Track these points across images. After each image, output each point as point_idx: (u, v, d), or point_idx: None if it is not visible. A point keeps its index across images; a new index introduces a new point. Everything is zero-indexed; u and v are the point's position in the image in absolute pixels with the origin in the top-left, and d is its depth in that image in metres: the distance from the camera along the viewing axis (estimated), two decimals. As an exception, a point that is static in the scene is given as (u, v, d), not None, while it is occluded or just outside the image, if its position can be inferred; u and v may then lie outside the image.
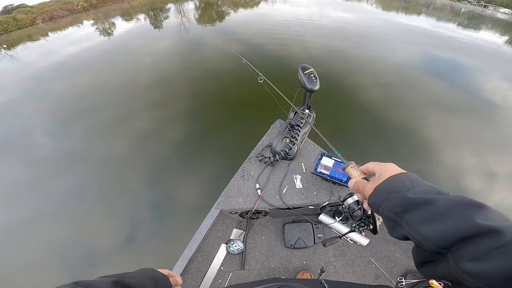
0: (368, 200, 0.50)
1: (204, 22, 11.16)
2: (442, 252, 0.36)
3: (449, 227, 0.35)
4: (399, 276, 1.51)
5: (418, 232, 0.39)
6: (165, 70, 5.92)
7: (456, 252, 0.34)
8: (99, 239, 2.65)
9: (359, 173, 0.60)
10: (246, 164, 1.63)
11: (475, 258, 0.32)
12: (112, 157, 3.60)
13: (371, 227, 0.66)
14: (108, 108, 4.66)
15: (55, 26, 13.01)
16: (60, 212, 2.94)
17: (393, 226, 0.45)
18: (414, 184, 0.44)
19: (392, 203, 0.44)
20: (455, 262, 0.34)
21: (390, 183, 0.47)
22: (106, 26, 11.52)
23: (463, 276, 0.33)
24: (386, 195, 0.46)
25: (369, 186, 0.51)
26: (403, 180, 0.46)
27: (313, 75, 1.49)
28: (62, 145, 3.93)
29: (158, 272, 0.65)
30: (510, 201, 3.09)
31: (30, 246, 2.62)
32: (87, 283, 0.45)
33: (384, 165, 0.52)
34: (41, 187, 3.26)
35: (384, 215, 0.46)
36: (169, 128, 4.05)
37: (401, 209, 0.42)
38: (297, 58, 6.28)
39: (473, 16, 22.10)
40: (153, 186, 3.16)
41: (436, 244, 0.36)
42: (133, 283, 0.52)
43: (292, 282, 0.67)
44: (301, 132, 1.58)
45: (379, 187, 0.48)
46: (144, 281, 0.57)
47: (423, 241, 0.38)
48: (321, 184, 1.52)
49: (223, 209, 1.48)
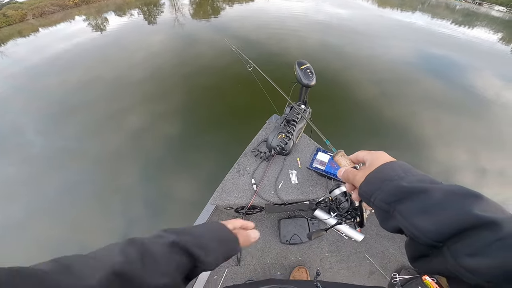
0: (359, 190, 0.48)
1: (199, 17, 11.03)
2: (437, 246, 0.34)
3: (445, 219, 0.34)
4: (393, 272, 1.51)
5: (413, 224, 0.37)
6: (159, 65, 5.84)
7: (453, 245, 0.32)
8: (94, 237, 2.61)
9: (348, 162, 0.57)
10: (242, 159, 1.61)
11: (474, 253, 0.30)
12: (105, 153, 3.55)
13: (358, 219, 0.64)
14: (100, 104, 4.59)
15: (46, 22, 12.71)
16: (54, 210, 2.89)
17: (385, 217, 0.42)
18: (407, 173, 0.43)
19: (384, 193, 0.42)
20: (453, 257, 0.32)
21: (382, 171, 0.45)
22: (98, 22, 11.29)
23: (462, 272, 0.31)
24: (378, 184, 0.44)
25: (359, 175, 0.49)
26: (395, 169, 0.44)
27: (309, 70, 1.48)
28: (54, 142, 3.86)
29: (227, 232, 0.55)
30: (501, 197, 3.14)
31: (23, 244, 2.58)
32: (142, 242, 0.41)
33: (375, 153, 0.50)
34: (34, 185, 3.20)
35: (376, 205, 0.44)
36: (164, 124, 4.00)
37: (394, 198, 0.40)
38: (292, 54, 6.26)
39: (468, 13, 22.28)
40: (148, 183, 3.13)
41: (432, 238, 0.34)
42: (193, 246, 0.45)
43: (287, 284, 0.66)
44: (297, 127, 1.57)
45: (371, 176, 0.46)
46: (206, 242, 0.49)
47: (418, 234, 0.36)
48: (316, 179, 1.51)
49: (219, 204, 1.46)
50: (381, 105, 4.56)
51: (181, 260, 0.43)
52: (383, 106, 4.56)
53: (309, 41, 7.58)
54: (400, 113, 4.39)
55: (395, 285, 1.42)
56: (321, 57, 6.33)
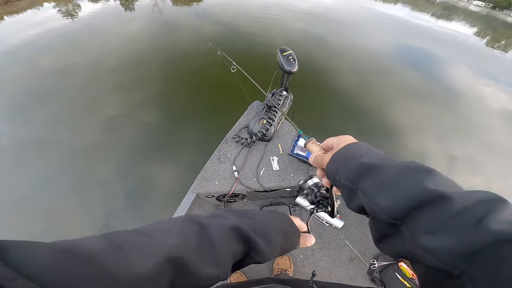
0: (326, 170, 0.49)
1: (180, 3, 10.58)
2: (396, 224, 0.34)
3: (400, 194, 0.34)
4: (372, 258, 1.56)
5: (372, 201, 0.37)
6: (136, 51, 5.57)
7: (410, 223, 0.32)
8: (72, 230, 2.48)
9: (319, 149, 0.60)
10: (223, 145, 1.58)
11: (429, 231, 0.29)
12: (80, 143, 3.35)
13: (329, 209, 0.64)
14: (74, 92, 4.30)
15: (11, 10, 11.62)
16: (27, 203, 2.71)
17: (350, 196, 0.43)
18: (369, 152, 0.44)
19: (348, 170, 0.43)
20: (411, 235, 0.31)
21: (346, 151, 0.47)
22: (69, 8, 10.50)
23: (419, 252, 0.30)
24: (342, 163, 0.45)
25: (327, 157, 0.50)
26: (358, 148, 0.46)
27: (291, 57, 1.46)
28: (24, 132, 3.58)
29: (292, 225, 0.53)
30: (470, 184, 3.30)
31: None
32: (201, 222, 0.38)
33: (341, 137, 0.52)
34: (2, 177, 2.98)
35: (341, 184, 0.44)
36: (141, 112, 3.84)
37: (356, 175, 0.41)
38: (275, 41, 6.20)
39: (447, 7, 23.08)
40: (126, 173, 3.01)
41: (390, 214, 0.34)
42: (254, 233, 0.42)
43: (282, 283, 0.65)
44: (278, 113, 1.55)
45: (335, 155, 0.48)
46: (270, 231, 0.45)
47: (377, 210, 0.36)
48: (298, 165, 1.51)
49: (199, 192, 1.43)
50: (360, 94, 4.67)
51: (237, 248, 0.40)
52: (362, 94, 4.67)
53: (292, 29, 7.55)
54: (378, 102, 4.52)
55: (373, 271, 1.46)
56: (303, 45, 6.33)
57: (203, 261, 0.35)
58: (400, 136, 3.85)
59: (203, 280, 0.35)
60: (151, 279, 0.28)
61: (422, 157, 3.57)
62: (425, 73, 6.05)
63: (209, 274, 0.35)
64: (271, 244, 0.44)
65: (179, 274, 0.32)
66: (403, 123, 4.10)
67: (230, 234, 0.40)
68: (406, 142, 3.77)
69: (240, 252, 0.41)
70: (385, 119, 4.14)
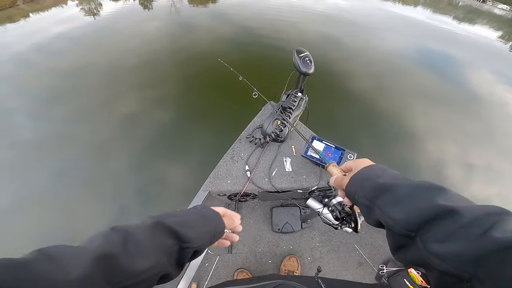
0: (345, 190, 0.56)
1: (196, 3, 10.75)
2: (411, 235, 0.38)
3: (414, 209, 0.38)
4: (381, 263, 1.55)
5: (387, 215, 0.42)
6: (154, 51, 5.71)
7: (423, 235, 0.36)
8: (85, 224, 2.56)
9: (339, 171, 0.66)
10: (236, 145, 1.60)
11: (440, 240, 0.33)
12: (97, 140, 3.47)
13: (353, 225, 0.70)
14: (92, 89, 4.47)
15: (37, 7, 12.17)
16: (43, 197, 2.82)
17: (368, 213, 0.48)
18: (384, 172, 0.50)
19: (365, 190, 0.48)
20: (423, 245, 0.35)
21: (364, 173, 0.52)
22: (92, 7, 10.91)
23: (431, 258, 0.34)
24: (360, 183, 0.51)
25: (346, 179, 0.56)
26: (374, 170, 0.52)
27: (308, 58, 1.45)
28: (45, 127, 3.75)
29: (210, 210, 0.59)
30: (487, 194, 3.20)
31: (13, 233, 2.53)
32: (124, 228, 0.41)
33: (358, 161, 0.58)
34: (23, 171, 3.11)
35: (360, 202, 0.50)
36: (157, 110, 3.93)
37: (373, 194, 0.46)
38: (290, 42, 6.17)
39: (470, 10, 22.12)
40: (140, 170, 3.09)
41: (404, 226, 0.38)
42: (175, 223, 0.46)
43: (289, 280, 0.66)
44: (293, 114, 1.55)
45: (354, 177, 0.54)
46: (189, 220, 0.50)
47: (392, 223, 0.40)
48: (311, 168, 1.50)
49: (211, 190, 1.45)
50: (375, 96, 4.55)
51: (164, 240, 0.43)
52: (378, 97, 4.55)
53: (307, 31, 7.49)
54: (394, 105, 4.41)
55: (382, 277, 1.45)
56: (318, 46, 6.26)
57: (132, 255, 0.37)
58: (416, 141, 3.73)
59: (138, 273, 0.37)
60: (85, 279, 0.31)
61: (438, 164, 3.45)
62: (444, 76, 5.82)
63: (141, 267, 0.37)
64: (193, 229, 0.48)
65: (112, 270, 0.34)
66: (419, 128, 3.97)
67: (153, 229, 0.43)
68: (422, 148, 3.64)
69: (169, 243, 0.44)
70: (400, 123, 4.03)
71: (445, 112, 4.49)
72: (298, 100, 1.59)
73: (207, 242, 0.51)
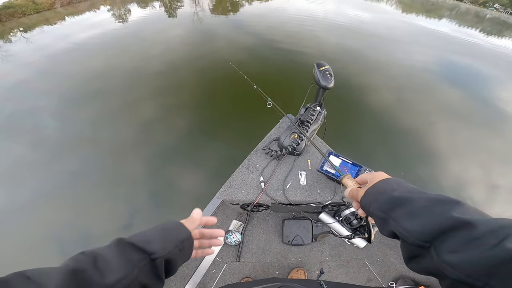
0: (360, 203, 0.57)
1: (218, 12, 11.09)
2: (425, 246, 0.39)
3: (429, 221, 0.39)
4: (391, 281, 1.51)
5: (402, 226, 0.43)
6: (177, 58, 5.93)
7: (438, 245, 0.37)
8: (97, 224, 2.67)
9: (354, 183, 0.67)
10: (252, 156, 1.62)
11: (454, 250, 0.34)
12: (116, 142, 3.62)
13: (366, 235, 0.72)
14: (116, 93, 4.69)
15: (72, 11, 13.09)
16: (60, 194, 2.96)
17: (383, 224, 0.49)
18: (399, 186, 0.51)
19: (380, 202, 0.50)
20: (437, 254, 0.36)
21: (379, 186, 0.54)
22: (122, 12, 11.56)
23: (444, 267, 0.35)
24: (375, 196, 0.52)
25: (361, 192, 0.57)
26: (389, 183, 0.53)
27: (328, 72, 1.45)
28: (68, 127, 3.97)
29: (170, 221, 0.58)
30: (510, 214, 3.04)
31: (28, 227, 2.66)
32: (92, 251, 0.44)
33: (373, 173, 0.59)
34: (43, 168, 3.29)
35: (374, 214, 0.51)
36: (175, 117, 4.05)
37: (388, 207, 0.47)
38: (308, 54, 6.19)
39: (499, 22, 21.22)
40: (155, 174, 3.17)
41: (418, 237, 0.40)
42: (137, 239, 0.49)
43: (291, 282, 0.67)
44: (310, 128, 1.56)
45: (369, 190, 0.55)
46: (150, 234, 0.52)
47: (407, 235, 0.42)
48: (325, 182, 1.49)
49: (225, 199, 1.47)
50: (396, 112, 4.45)
51: (131, 255, 0.46)
52: (398, 113, 4.44)
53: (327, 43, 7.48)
54: (415, 121, 4.27)
55: None
56: (337, 59, 6.23)
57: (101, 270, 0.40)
58: (438, 159, 3.60)
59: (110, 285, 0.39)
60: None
61: (461, 184, 3.30)
62: (469, 92, 5.59)
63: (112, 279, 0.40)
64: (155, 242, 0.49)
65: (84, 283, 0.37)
66: (442, 145, 3.83)
67: (118, 247, 0.46)
68: (444, 166, 3.51)
69: (138, 258, 0.46)
70: (422, 139, 3.90)
71: (469, 130, 4.31)
72: (316, 114, 1.59)
73: (176, 251, 0.52)
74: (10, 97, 4.77)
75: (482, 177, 3.44)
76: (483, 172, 3.50)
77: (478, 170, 3.53)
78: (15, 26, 10.63)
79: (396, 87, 5.26)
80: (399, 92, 5.08)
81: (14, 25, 11.11)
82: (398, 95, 4.98)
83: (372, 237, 0.70)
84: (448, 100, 5.15)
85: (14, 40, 8.64)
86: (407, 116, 4.38)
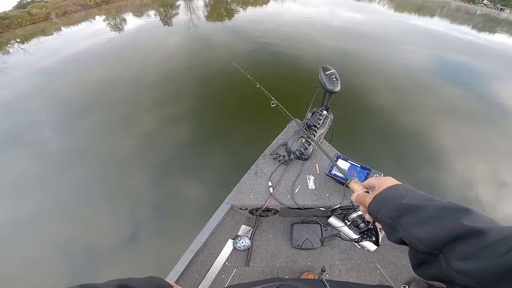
0: (368, 208, 0.56)
1: (213, 19, 11.16)
2: (434, 253, 0.39)
3: (439, 229, 0.39)
4: (403, 284, 1.50)
5: (411, 234, 0.42)
6: (172, 67, 5.93)
7: (447, 253, 0.37)
8: (102, 238, 2.66)
9: (361, 187, 0.67)
10: (260, 161, 1.62)
11: (464, 257, 0.35)
12: (117, 154, 3.61)
13: (374, 238, 0.71)
14: (115, 105, 4.67)
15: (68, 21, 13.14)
16: (64, 208, 2.95)
17: (390, 231, 0.49)
18: (408, 193, 0.50)
19: (388, 209, 0.49)
20: (446, 262, 0.36)
21: (387, 192, 0.53)
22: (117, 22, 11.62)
23: (454, 274, 0.35)
24: (383, 203, 0.51)
25: (369, 197, 0.57)
26: (398, 190, 0.52)
27: (334, 76, 1.45)
28: (68, 141, 3.95)
29: (164, 281, 0.65)
30: None
31: (33, 242, 2.64)
32: (93, 286, 0.46)
33: (382, 179, 0.58)
34: (46, 183, 3.28)
35: (382, 221, 0.51)
36: (175, 127, 4.04)
37: (396, 214, 0.47)
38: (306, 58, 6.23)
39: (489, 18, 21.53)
40: (158, 185, 3.16)
41: (427, 245, 0.39)
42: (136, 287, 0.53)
43: (292, 281, 0.68)
44: (318, 133, 1.56)
45: (377, 196, 0.54)
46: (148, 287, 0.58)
47: (416, 242, 0.41)
48: (334, 186, 1.50)
49: (234, 204, 1.48)
50: (396, 113, 4.46)
51: None
52: (398, 113, 4.45)
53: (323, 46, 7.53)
54: (416, 122, 4.27)
55: None
56: (334, 61, 6.26)
57: None
58: (442, 159, 3.59)
59: None
60: None
61: (467, 183, 3.28)
62: (468, 90, 5.59)
63: None
64: None
65: None
66: (445, 145, 3.82)
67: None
68: (449, 166, 3.50)
69: None
70: (424, 139, 3.89)
71: (472, 128, 4.30)
72: (323, 118, 1.60)
73: None
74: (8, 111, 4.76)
75: (489, 175, 3.42)
76: (489, 171, 3.49)
77: (484, 168, 3.52)
78: (11, 38, 10.64)
79: (395, 88, 5.29)
80: (398, 93, 5.11)
81: (11, 36, 11.12)
82: (397, 95, 5.01)
83: (380, 240, 0.70)
84: (448, 98, 5.18)
85: (12, 51, 8.66)
86: (407, 116, 4.39)
